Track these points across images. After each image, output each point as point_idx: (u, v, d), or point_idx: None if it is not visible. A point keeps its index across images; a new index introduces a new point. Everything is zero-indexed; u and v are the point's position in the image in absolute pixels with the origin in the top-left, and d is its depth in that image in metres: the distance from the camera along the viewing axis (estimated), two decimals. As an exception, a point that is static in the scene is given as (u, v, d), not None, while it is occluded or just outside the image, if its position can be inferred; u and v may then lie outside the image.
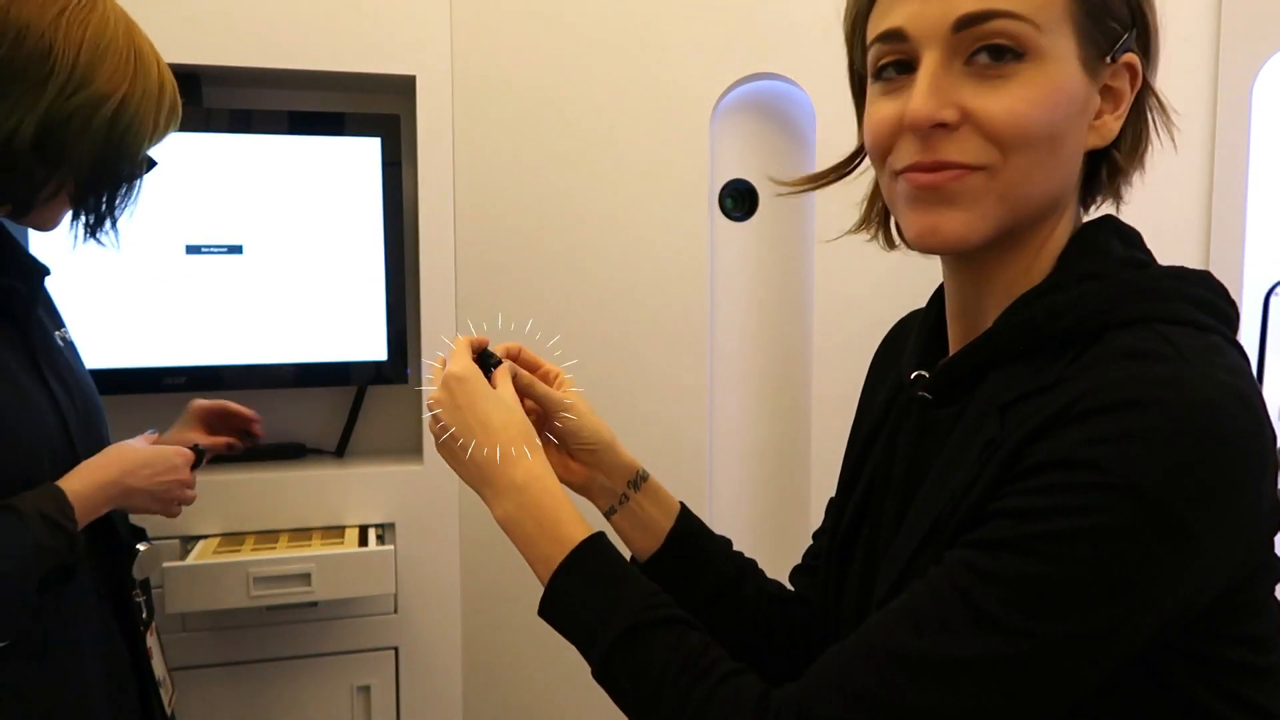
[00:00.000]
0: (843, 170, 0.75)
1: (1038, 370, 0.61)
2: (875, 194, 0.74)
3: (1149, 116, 0.66)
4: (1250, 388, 0.56)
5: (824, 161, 0.78)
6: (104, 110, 1.00)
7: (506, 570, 1.73)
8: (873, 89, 0.66)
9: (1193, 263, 1.99)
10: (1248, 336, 1.91)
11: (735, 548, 0.90)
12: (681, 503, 0.89)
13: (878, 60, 0.64)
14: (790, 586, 0.89)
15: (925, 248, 0.63)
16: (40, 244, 1.50)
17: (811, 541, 0.90)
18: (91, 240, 1.09)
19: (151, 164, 1.12)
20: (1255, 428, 0.55)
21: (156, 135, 1.08)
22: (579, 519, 0.73)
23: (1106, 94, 0.63)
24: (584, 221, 1.76)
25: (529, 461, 0.75)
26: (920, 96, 0.60)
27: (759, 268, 1.91)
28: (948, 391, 0.68)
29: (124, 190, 1.08)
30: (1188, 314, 0.60)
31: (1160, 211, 1.91)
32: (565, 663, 0.67)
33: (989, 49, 0.60)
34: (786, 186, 0.78)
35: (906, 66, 0.63)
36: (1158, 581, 0.54)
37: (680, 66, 1.77)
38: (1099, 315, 0.60)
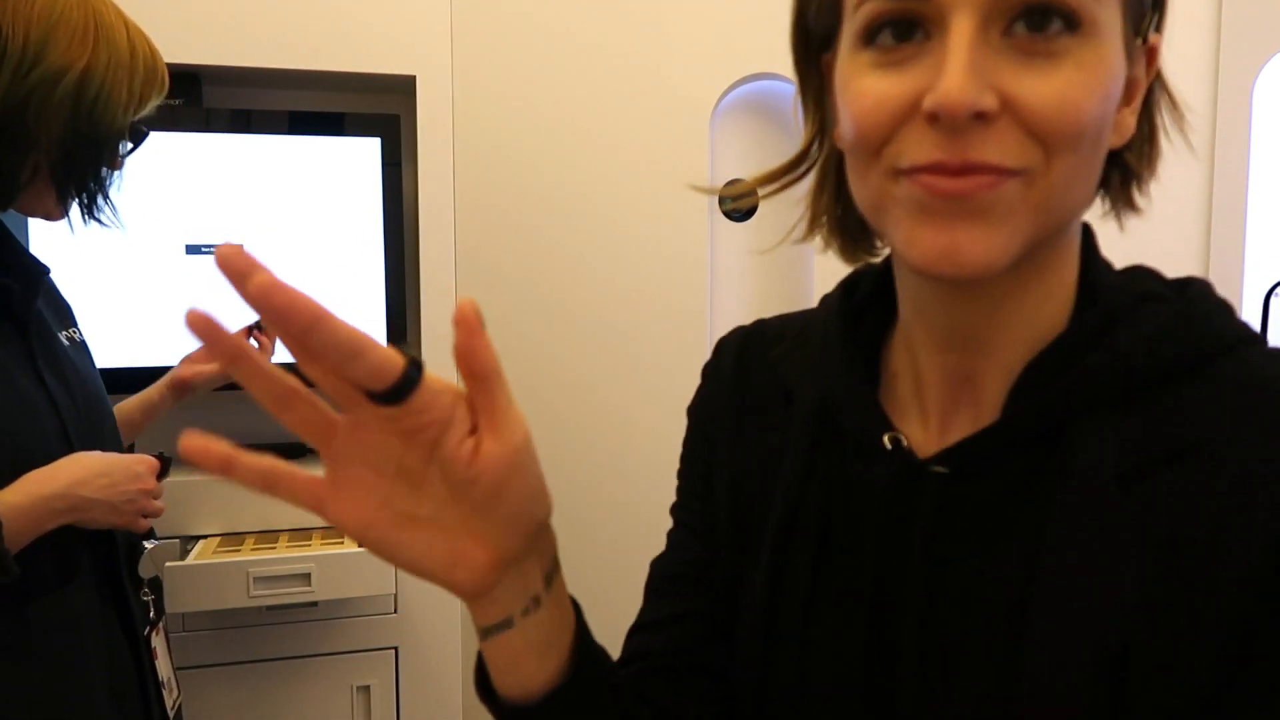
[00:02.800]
0: (796, 170, 0.58)
1: (1149, 423, 0.48)
2: (823, 189, 0.58)
3: (1159, 111, 0.53)
4: None
5: None
6: (64, 85, 0.97)
7: (506, 570, 1.73)
8: (855, 57, 0.49)
9: (1194, 264, 1.99)
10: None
11: None
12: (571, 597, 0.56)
13: (871, 19, 0.47)
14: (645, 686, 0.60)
15: (938, 273, 0.47)
16: (42, 245, 1.50)
17: (635, 635, 0.63)
18: (93, 222, 1.07)
19: (141, 134, 1.10)
20: None
21: (134, 104, 1.04)
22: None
23: (1126, 84, 0.50)
24: (583, 221, 1.76)
25: None
26: (957, 76, 0.44)
27: (758, 268, 1.91)
28: (978, 463, 0.51)
29: (106, 163, 1.05)
30: (1249, 328, 0.52)
31: (1160, 213, 1.91)
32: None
33: (1033, 17, 0.45)
34: (737, 193, 0.60)
35: (909, 30, 0.47)
36: None
37: (680, 67, 1.77)
38: (1195, 344, 0.49)
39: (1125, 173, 0.53)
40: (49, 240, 1.51)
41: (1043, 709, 0.46)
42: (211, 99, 1.64)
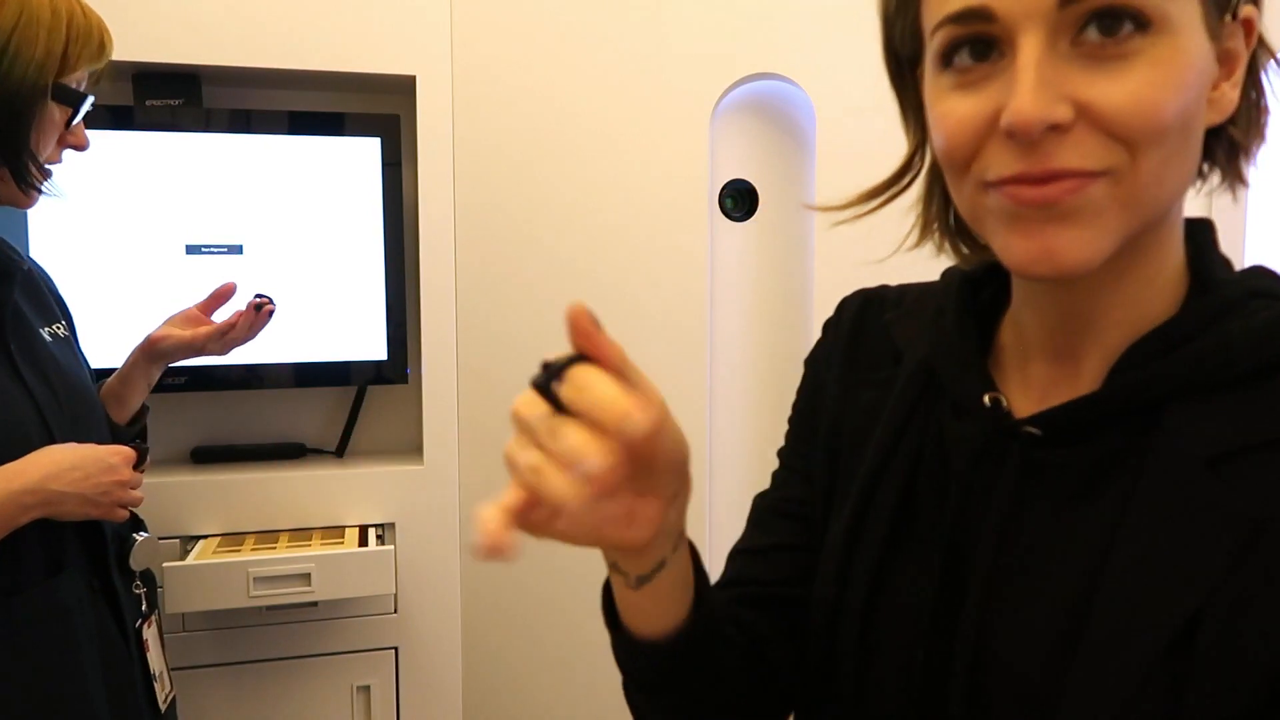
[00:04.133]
0: (902, 181, 0.60)
1: (1249, 412, 0.49)
2: (932, 197, 0.60)
3: (1263, 77, 0.52)
4: None
5: (824, 162, 0.73)
6: None
7: (506, 570, 1.73)
8: (938, 79, 0.51)
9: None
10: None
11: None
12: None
13: (947, 43, 0.50)
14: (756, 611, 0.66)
15: (1036, 275, 0.49)
16: (42, 245, 1.50)
17: (738, 558, 0.69)
18: (34, 191, 1.06)
19: (74, 97, 1.06)
20: None
21: (53, 63, 1.02)
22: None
23: (1224, 58, 0.50)
24: (584, 221, 1.76)
25: None
26: (1027, 94, 0.46)
27: (759, 267, 1.91)
28: (1072, 430, 0.53)
29: (32, 127, 1.02)
30: None
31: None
32: (564, 662, 0.66)
33: (1102, 21, 0.46)
34: (838, 210, 0.61)
35: (985, 50, 0.49)
36: None
37: (680, 66, 1.77)
38: None
39: (1231, 146, 0.53)
40: (49, 240, 1.51)
41: (1101, 672, 0.47)
42: (211, 99, 1.64)
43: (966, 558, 0.55)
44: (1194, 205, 0.53)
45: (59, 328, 1.16)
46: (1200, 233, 0.56)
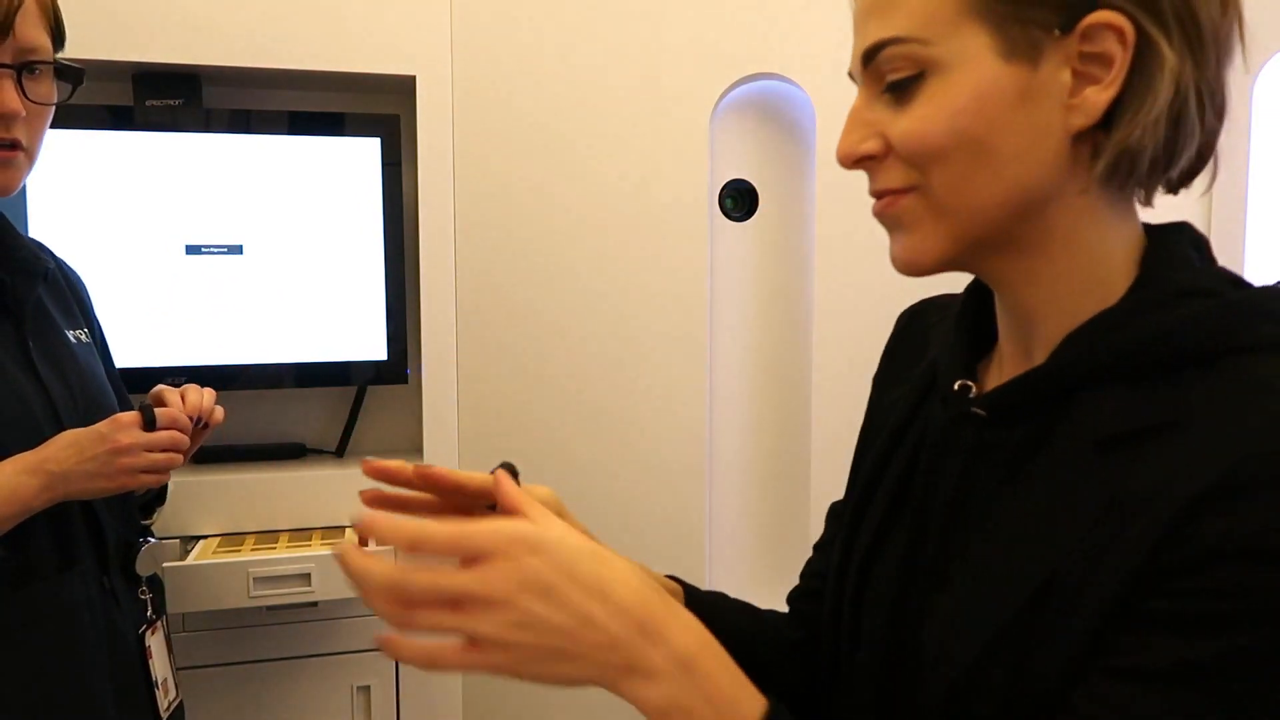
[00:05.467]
0: None
1: (1143, 401, 0.54)
2: None
3: (1161, 79, 0.54)
4: None
5: (824, 162, 0.77)
6: None
7: (506, 570, 1.73)
8: None
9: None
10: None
11: (735, 561, 0.85)
12: (679, 581, 0.76)
13: None
14: (789, 606, 0.81)
15: (899, 271, 0.62)
16: (45, 243, 1.50)
17: (813, 553, 0.82)
18: None
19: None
20: None
21: None
22: (753, 689, 0.56)
23: (1082, 67, 0.55)
24: (584, 221, 1.76)
25: (684, 625, 0.55)
26: (843, 134, 0.61)
27: (759, 267, 1.91)
28: (1014, 412, 0.60)
29: None
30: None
31: (1160, 213, 1.91)
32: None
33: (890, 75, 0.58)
34: None
35: None
36: None
37: (680, 66, 1.77)
38: (1218, 338, 0.54)
39: (1115, 148, 0.56)
40: (48, 239, 1.51)
41: (983, 618, 0.56)
42: (211, 99, 1.64)
43: (927, 532, 0.63)
44: (1191, 211, 0.54)
45: (82, 334, 1.16)
46: (1165, 235, 0.61)
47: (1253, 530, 0.47)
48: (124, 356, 1.55)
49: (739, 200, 1.88)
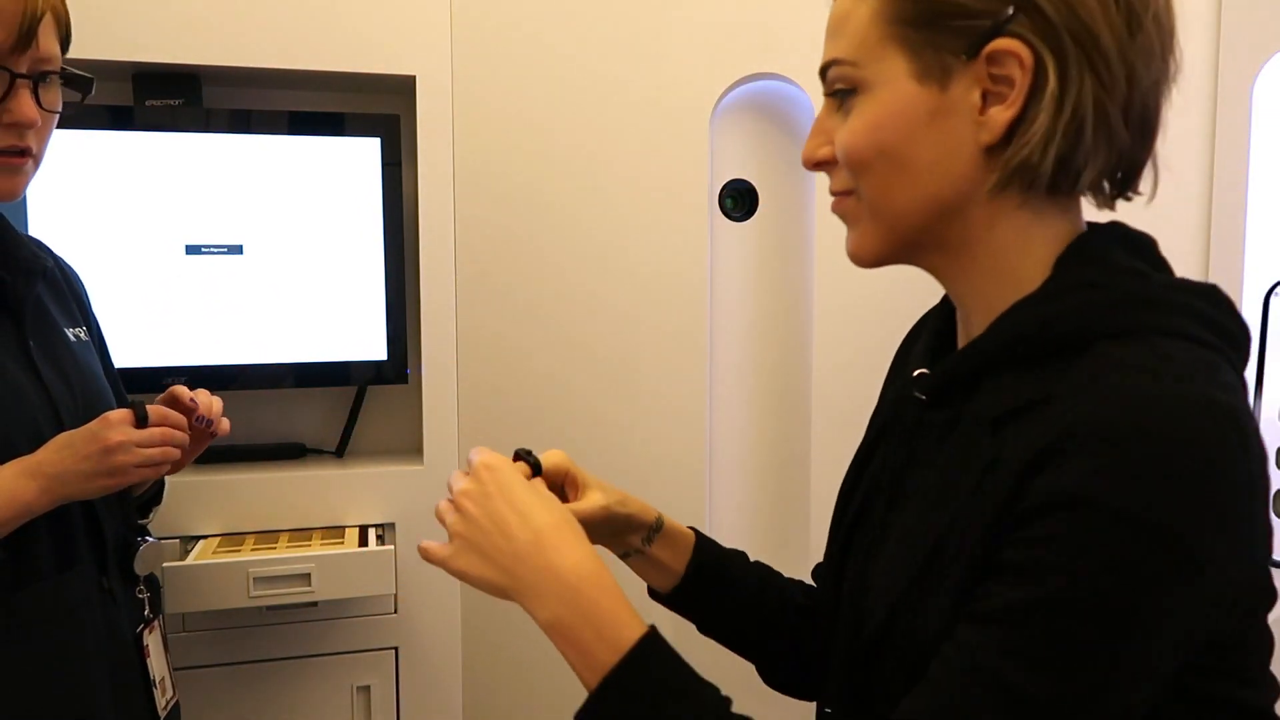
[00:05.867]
0: None
1: (1028, 382, 0.60)
2: None
3: (1053, 101, 0.60)
4: (1245, 410, 0.56)
5: None
6: None
7: (506, 570, 1.73)
8: None
9: (1193, 263, 1.99)
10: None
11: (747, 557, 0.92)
12: (695, 530, 0.88)
13: None
14: (813, 581, 0.89)
15: (851, 262, 0.71)
16: (45, 242, 1.50)
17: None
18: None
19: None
20: (1250, 451, 0.55)
21: None
22: (636, 618, 0.65)
23: (1000, 84, 0.61)
24: (583, 221, 1.76)
25: (579, 554, 0.66)
26: (806, 141, 0.70)
27: (759, 267, 1.91)
28: (943, 394, 0.68)
29: None
30: (1184, 327, 0.59)
31: (1160, 213, 1.92)
32: (563, 661, 0.66)
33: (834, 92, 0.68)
34: None
35: None
36: (1183, 618, 0.54)
37: (680, 67, 1.77)
38: (1092, 325, 0.59)
39: (1006, 164, 0.62)
40: (48, 239, 1.51)
41: (891, 584, 0.65)
42: (211, 99, 1.64)
43: (874, 503, 0.73)
44: (1191, 211, 0.55)
45: (81, 332, 1.16)
46: (1090, 234, 0.66)
47: (1069, 484, 0.53)
48: (124, 356, 1.55)
49: (739, 200, 1.88)
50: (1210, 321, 0.61)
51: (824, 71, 0.68)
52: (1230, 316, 0.62)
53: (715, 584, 0.86)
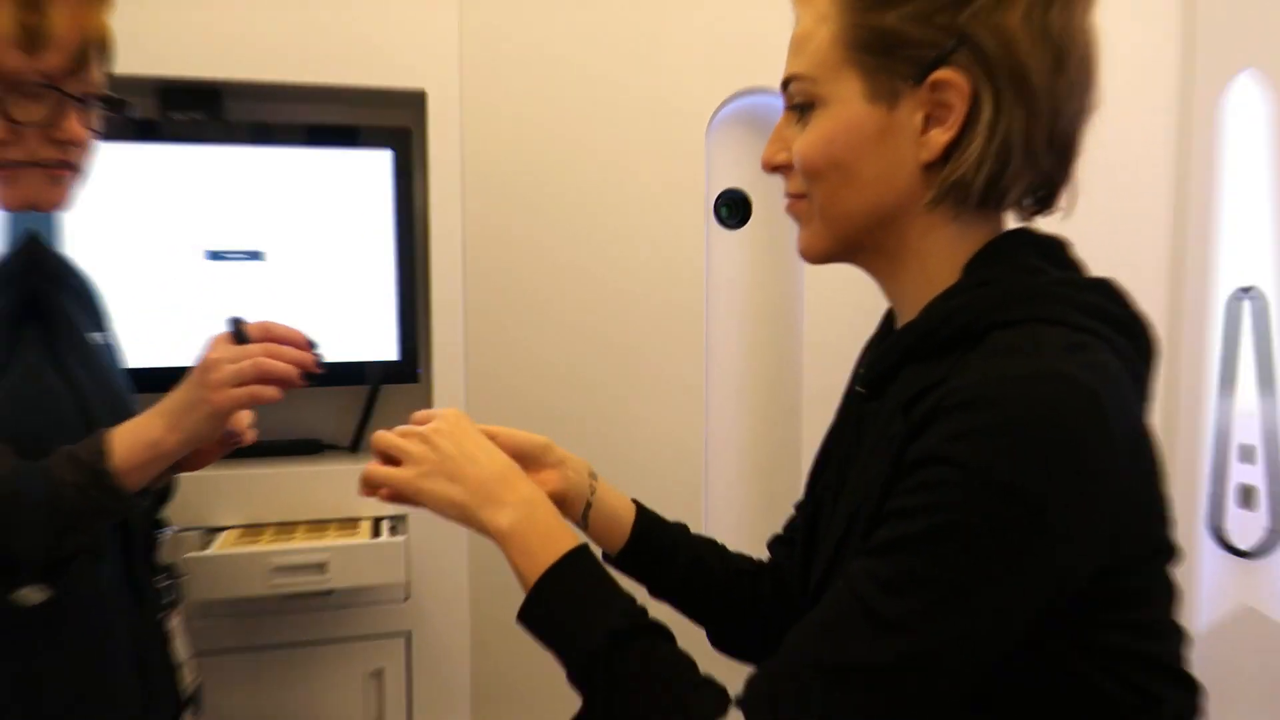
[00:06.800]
0: None
1: (931, 369, 0.67)
2: None
3: (985, 128, 0.67)
4: (1107, 383, 0.60)
5: None
6: None
7: (512, 561, 1.78)
8: None
9: (1162, 277, 2.03)
10: (1212, 343, 1.97)
11: (730, 548, 0.98)
12: (632, 498, 0.97)
13: None
14: (768, 554, 0.98)
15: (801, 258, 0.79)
16: (68, 249, 1.55)
17: (793, 512, 0.98)
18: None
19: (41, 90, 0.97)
20: (1105, 421, 0.59)
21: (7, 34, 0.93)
22: (575, 537, 0.77)
23: (942, 109, 0.68)
24: (585, 229, 1.81)
25: (531, 484, 0.80)
26: (766, 146, 0.77)
27: (753, 275, 1.97)
28: (877, 386, 0.75)
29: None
30: (1065, 315, 0.64)
31: (1129, 225, 1.97)
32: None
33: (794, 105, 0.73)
34: None
35: None
36: (1026, 567, 0.59)
37: (679, 81, 1.83)
38: (984, 317, 0.66)
39: (943, 181, 0.69)
40: (79, 247, 1.55)
41: (824, 554, 0.74)
42: (233, 112, 1.69)
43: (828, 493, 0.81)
44: (1161, 223, 0.63)
45: (106, 335, 1.19)
46: (998, 240, 0.72)
47: (933, 445, 0.60)
48: (148, 357, 1.60)
49: (734, 209, 1.93)
50: (1095, 309, 0.66)
51: (785, 84, 0.73)
52: (1120, 306, 0.68)
53: (664, 545, 0.94)
